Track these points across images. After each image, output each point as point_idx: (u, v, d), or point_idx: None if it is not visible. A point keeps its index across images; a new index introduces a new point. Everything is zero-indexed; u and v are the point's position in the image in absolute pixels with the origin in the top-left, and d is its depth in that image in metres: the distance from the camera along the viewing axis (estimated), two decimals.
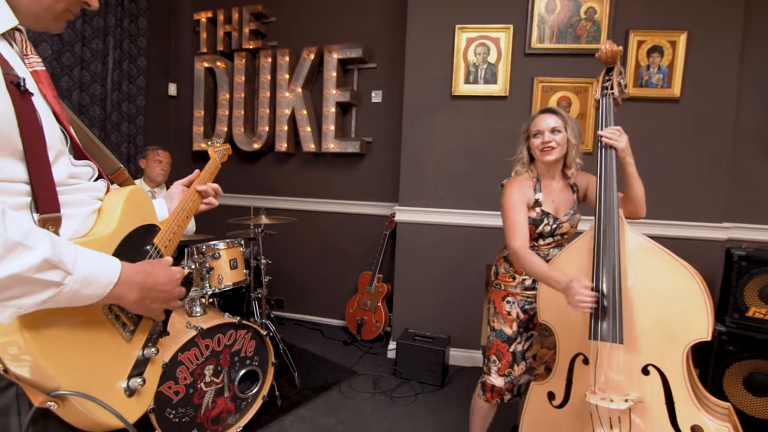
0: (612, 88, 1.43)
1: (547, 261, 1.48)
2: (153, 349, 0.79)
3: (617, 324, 1.29)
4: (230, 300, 2.93)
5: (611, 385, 1.32)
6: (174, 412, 1.77)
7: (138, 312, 0.75)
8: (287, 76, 3.38)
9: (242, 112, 3.55)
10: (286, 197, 3.59)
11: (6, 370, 0.59)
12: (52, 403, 0.61)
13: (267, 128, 3.47)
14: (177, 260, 0.87)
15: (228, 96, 3.58)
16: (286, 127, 3.40)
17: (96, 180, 0.77)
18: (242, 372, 2.03)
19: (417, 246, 2.87)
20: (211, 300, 2.33)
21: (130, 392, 0.73)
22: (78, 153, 0.75)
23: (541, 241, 1.57)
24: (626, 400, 1.27)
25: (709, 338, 1.24)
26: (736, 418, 1.28)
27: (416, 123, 2.82)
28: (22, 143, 0.59)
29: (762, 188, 2.60)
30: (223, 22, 3.55)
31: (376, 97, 3.31)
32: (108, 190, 0.79)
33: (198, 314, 2.02)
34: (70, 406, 0.62)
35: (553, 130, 1.50)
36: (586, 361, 1.38)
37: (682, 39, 2.48)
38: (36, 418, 0.63)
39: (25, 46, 0.69)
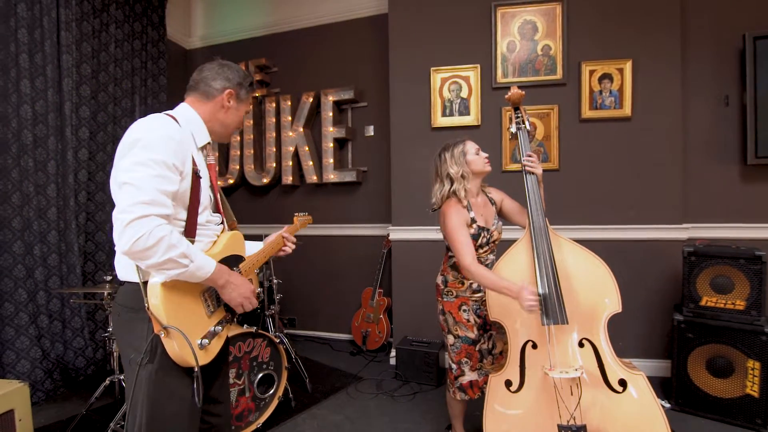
0: (524, 122, 1.80)
1: (487, 267, 1.80)
2: (219, 327, 1.23)
3: (561, 309, 1.60)
4: (246, 318, 3.27)
5: (561, 360, 1.62)
6: None
7: (225, 297, 1.21)
8: (290, 118, 3.84)
9: (252, 152, 4.01)
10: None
11: (148, 307, 1.07)
12: (162, 332, 1.08)
13: (274, 164, 3.91)
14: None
15: (239, 138, 4.05)
16: (290, 163, 3.83)
17: (220, 224, 1.33)
18: (260, 375, 2.35)
19: (411, 261, 3.21)
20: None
21: (201, 346, 1.15)
22: (216, 208, 1.32)
23: (480, 251, 1.84)
24: (577, 369, 1.57)
25: (620, 310, 1.56)
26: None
27: (402, 153, 3.21)
28: (189, 202, 1.17)
29: (715, 188, 2.89)
30: None
31: (369, 131, 3.73)
32: (223, 231, 1.34)
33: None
34: (169, 339, 1.08)
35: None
36: (534, 346, 1.67)
37: (627, 66, 2.85)
38: (154, 342, 1.11)
39: (208, 151, 1.31)
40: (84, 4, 3.05)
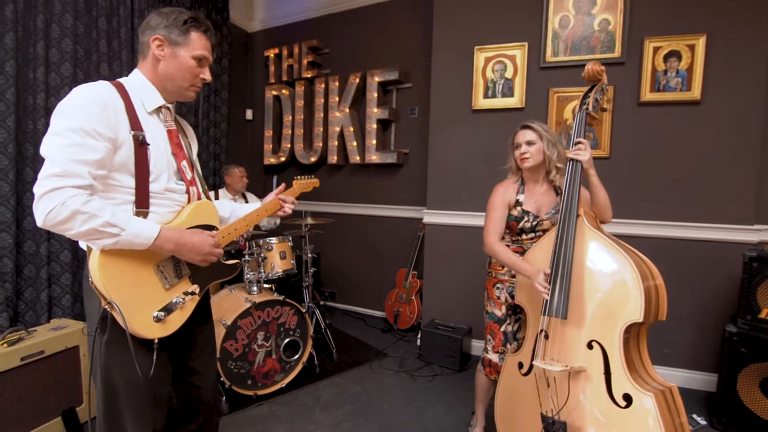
0: (588, 105, 1.67)
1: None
2: (179, 300, 1.16)
3: (564, 303, 1.54)
4: (285, 287, 3.50)
5: (559, 354, 1.56)
6: (234, 364, 2.33)
7: (181, 258, 1.16)
8: (337, 99, 3.93)
9: (302, 131, 4.19)
10: (336, 203, 4.13)
11: (91, 281, 1.05)
12: (107, 306, 1.05)
13: (321, 144, 4.06)
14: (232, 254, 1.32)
15: (291, 118, 4.25)
16: (336, 143, 3.95)
17: (184, 194, 1.24)
18: (286, 340, 2.55)
19: (443, 245, 3.19)
20: (270, 286, 2.90)
21: (157, 319, 1.11)
22: (180, 177, 1.24)
23: (524, 236, 1.83)
24: (564, 366, 1.51)
25: (641, 320, 1.43)
26: (678, 397, 1.45)
27: (441, 135, 3.16)
28: (134, 170, 1.10)
29: None
30: (287, 56, 4.23)
31: (413, 112, 3.70)
32: (189, 201, 1.25)
33: (255, 292, 2.59)
34: (116, 312, 1.03)
35: (528, 143, 1.78)
36: (546, 336, 1.62)
37: (701, 42, 2.50)
38: (104, 314, 1.08)
39: (167, 116, 1.23)
40: None
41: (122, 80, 1.18)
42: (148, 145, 1.13)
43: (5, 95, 2.40)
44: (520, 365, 1.73)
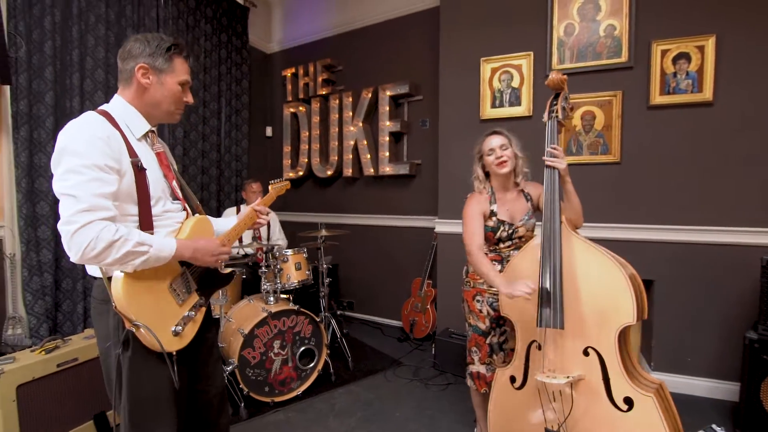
0: (557, 112, 1.70)
1: (508, 261, 1.78)
2: (192, 312, 1.27)
3: (558, 313, 1.54)
4: (303, 297, 3.60)
5: (557, 365, 1.56)
6: (252, 371, 2.44)
7: (197, 262, 1.25)
8: (351, 114, 4.06)
9: (318, 146, 4.33)
10: (353, 214, 4.23)
11: (115, 306, 1.10)
12: (132, 328, 1.11)
13: (336, 157, 4.18)
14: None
15: (307, 133, 4.40)
16: (351, 156, 4.07)
17: (182, 211, 1.32)
18: (302, 349, 2.63)
19: (455, 254, 3.21)
20: (287, 296, 3.00)
21: (175, 333, 1.20)
22: (174, 196, 1.31)
23: (501, 245, 1.84)
24: (567, 377, 1.51)
25: (634, 322, 1.44)
26: (668, 392, 1.43)
27: (450, 146, 3.21)
28: (137, 196, 1.16)
29: None
30: (303, 75, 4.41)
31: (424, 124, 3.78)
32: (187, 217, 1.33)
33: (271, 302, 2.70)
34: (141, 332, 1.11)
35: (502, 147, 1.80)
36: (539, 347, 1.63)
37: (710, 42, 2.47)
38: (127, 336, 1.14)
39: (153, 139, 1.30)
40: (179, 23, 3.60)
41: (105, 107, 1.21)
42: (146, 170, 1.19)
43: (45, 98, 2.65)
44: (513, 379, 1.70)
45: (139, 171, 1.17)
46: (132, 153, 1.17)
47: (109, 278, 1.12)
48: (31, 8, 2.57)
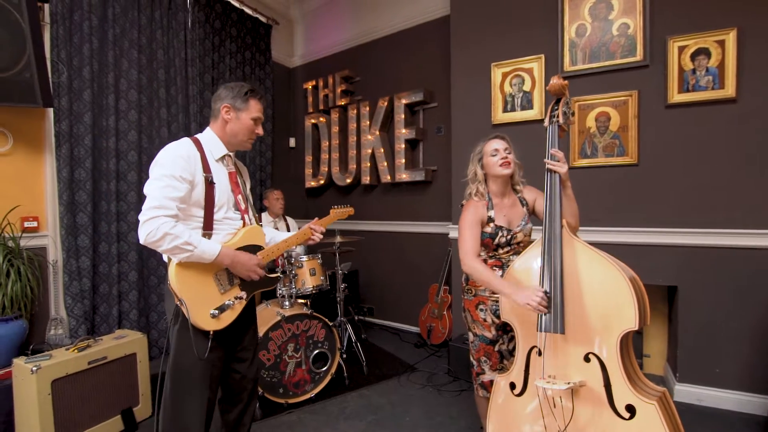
0: (558, 117, 1.68)
1: (507, 266, 1.76)
2: (230, 302, 1.54)
3: (559, 317, 1.52)
4: (321, 302, 3.69)
5: (557, 371, 1.53)
6: (267, 373, 2.53)
7: (235, 272, 1.54)
8: (368, 123, 4.15)
9: (337, 155, 4.45)
10: (371, 221, 4.30)
11: (168, 283, 1.44)
12: (178, 303, 1.42)
13: (355, 166, 4.28)
14: (273, 269, 1.67)
15: (327, 143, 4.53)
16: (368, 164, 4.15)
17: (240, 220, 1.64)
18: (315, 352, 2.71)
19: None
20: (304, 301, 3.09)
21: (212, 316, 1.49)
22: (237, 207, 1.64)
23: (500, 251, 1.82)
24: (568, 383, 1.48)
25: (636, 328, 1.39)
26: (671, 401, 1.37)
27: (463, 151, 3.19)
28: (204, 203, 1.50)
29: None
30: (323, 87, 4.56)
31: (440, 131, 3.80)
32: (244, 226, 1.65)
33: (286, 306, 2.80)
34: (184, 308, 1.42)
35: (505, 150, 1.81)
36: (539, 353, 1.60)
37: (731, 36, 2.36)
38: (177, 310, 1.46)
39: (228, 161, 1.64)
40: (206, 43, 3.83)
41: (198, 136, 1.60)
42: (215, 184, 1.54)
43: (83, 118, 2.90)
44: (513, 386, 1.67)
45: (209, 184, 1.52)
46: (207, 169, 1.52)
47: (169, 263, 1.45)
48: (71, 38, 2.84)
